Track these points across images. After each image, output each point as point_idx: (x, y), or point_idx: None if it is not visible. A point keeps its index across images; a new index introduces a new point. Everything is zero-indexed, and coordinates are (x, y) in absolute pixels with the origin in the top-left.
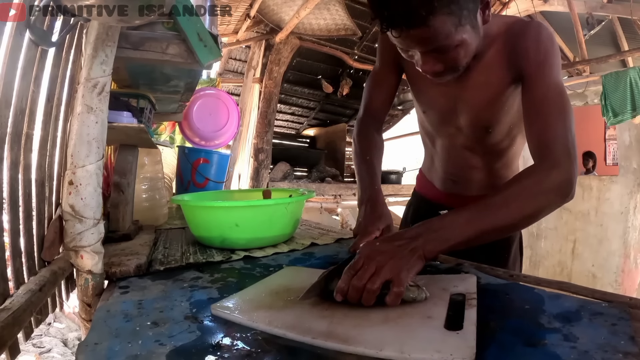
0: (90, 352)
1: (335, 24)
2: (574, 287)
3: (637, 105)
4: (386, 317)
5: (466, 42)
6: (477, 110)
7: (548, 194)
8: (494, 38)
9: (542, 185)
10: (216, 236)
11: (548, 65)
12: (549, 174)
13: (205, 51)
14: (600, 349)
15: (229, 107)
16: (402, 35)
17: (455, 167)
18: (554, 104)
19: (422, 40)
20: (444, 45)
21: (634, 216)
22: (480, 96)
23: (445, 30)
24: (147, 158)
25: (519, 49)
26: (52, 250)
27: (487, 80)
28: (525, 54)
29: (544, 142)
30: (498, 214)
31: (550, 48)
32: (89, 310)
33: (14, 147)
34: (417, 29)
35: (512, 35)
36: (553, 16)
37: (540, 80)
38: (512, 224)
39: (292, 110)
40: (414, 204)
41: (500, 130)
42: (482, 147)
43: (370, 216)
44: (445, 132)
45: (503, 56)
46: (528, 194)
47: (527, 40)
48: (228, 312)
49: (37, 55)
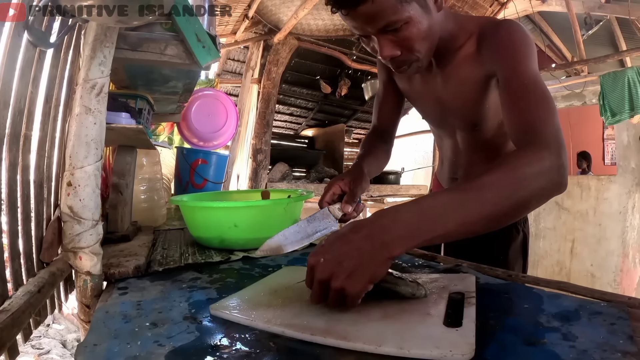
0: (89, 353)
1: (333, 24)
2: (573, 287)
3: (635, 105)
4: (385, 313)
5: (415, 19)
6: (461, 109)
7: (540, 177)
8: (468, 38)
9: (534, 167)
10: (215, 237)
11: (522, 54)
12: (540, 155)
13: (204, 52)
14: (599, 348)
15: (227, 107)
16: (350, 15)
17: (456, 165)
18: (534, 91)
19: (370, 17)
20: (392, 20)
21: (633, 216)
22: (461, 96)
23: (389, 3)
24: (145, 159)
25: (491, 46)
26: (50, 251)
27: (464, 81)
28: (498, 47)
29: (528, 126)
30: (483, 200)
31: (522, 39)
32: (87, 311)
33: (13, 148)
34: (362, 5)
35: (485, 33)
36: (551, 16)
37: (515, 72)
38: (500, 213)
39: (290, 110)
40: None
41: (489, 127)
42: (478, 144)
43: (340, 175)
44: (444, 132)
45: (478, 54)
46: (519, 176)
47: (498, 37)
48: (227, 312)
49: (36, 56)
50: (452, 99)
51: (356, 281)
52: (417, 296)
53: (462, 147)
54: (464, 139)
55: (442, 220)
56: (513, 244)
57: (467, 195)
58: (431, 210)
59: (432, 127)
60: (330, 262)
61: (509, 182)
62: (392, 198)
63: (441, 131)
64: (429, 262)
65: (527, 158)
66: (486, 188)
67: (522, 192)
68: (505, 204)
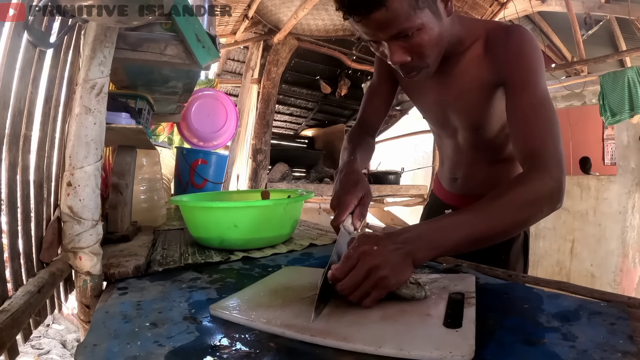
0: (89, 353)
1: (333, 24)
2: (573, 287)
3: (635, 105)
4: (385, 314)
5: (427, 26)
6: (464, 112)
7: (540, 202)
8: (474, 41)
9: (535, 193)
10: (215, 237)
11: (532, 71)
12: (542, 182)
13: (204, 52)
14: (599, 348)
15: (227, 108)
16: (363, 21)
17: (457, 165)
18: (541, 112)
19: (383, 24)
20: (405, 27)
21: (632, 216)
22: (465, 99)
23: (403, 10)
24: (145, 159)
25: (502, 54)
26: (50, 251)
27: (469, 84)
28: (508, 60)
29: (533, 150)
30: (490, 221)
31: (533, 53)
32: (87, 311)
33: (12, 149)
34: (376, 11)
35: (493, 40)
36: (551, 16)
37: (525, 88)
38: (504, 231)
39: (290, 110)
40: (430, 204)
41: (491, 129)
42: (479, 145)
43: (346, 185)
44: (445, 133)
45: (485, 61)
46: (521, 201)
47: (510, 46)
48: (227, 312)
49: (35, 56)
50: (456, 101)
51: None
52: (417, 297)
53: (463, 147)
54: (465, 139)
55: (454, 236)
56: (514, 244)
57: (478, 217)
58: (445, 228)
59: (433, 127)
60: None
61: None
62: (392, 198)
63: (442, 131)
64: (429, 262)
65: (532, 184)
66: (494, 211)
67: (524, 215)
68: (509, 223)
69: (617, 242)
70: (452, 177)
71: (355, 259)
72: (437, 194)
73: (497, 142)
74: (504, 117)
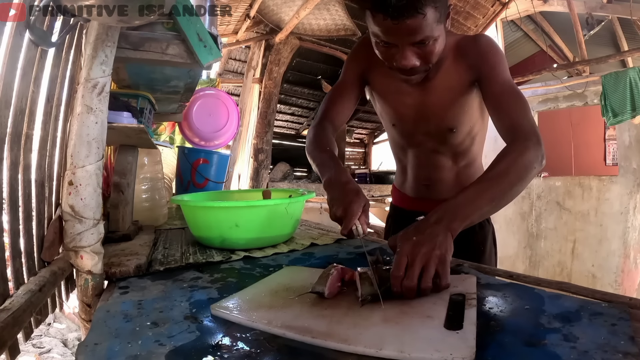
0: (90, 352)
1: (335, 24)
2: (574, 287)
3: (637, 105)
4: (386, 316)
5: (441, 38)
6: (441, 112)
7: (532, 163)
8: (448, 50)
9: (527, 157)
10: (216, 236)
11: (501, 65)
12: (528, 147)
13: (205, 51)
14: (600, 349)
15: (228, 107)
16: (396, 25)
17: (426, 171)
18: (512, 95)
19: (413, 30)
20: (428, 36)
21: (634, 216)
22: (444, 99)
23: (432, 20)
24: (146, 158)
25: (474, 55)
26: (51, 250)
27: (448, 85)
28: (480, 58)
29: (514, 125)
30: (501, 184)
31: (499, 52)
32: (88, 310)
33: (14, 148)
34: (413, 18)
35: (464, 46)
36: (553, 16)
37: (496, 78)
38: (513, 191)
39: (291, 110)
40: (393, 216)
41: (462, 130)
42: (448, 149)
43: (349, 195)
44: (414, 140)
45: (460, 63)
46: (518, 164)
47: (479, 48)
48: (228, 312)
49: (37, 55)
50: (435, 103)
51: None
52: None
53: (431, 152)
54: (438, 142)
55: (476, 204)
56: (488, 235)
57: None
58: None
59: (401, 134)
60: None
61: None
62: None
63: (410, 138)
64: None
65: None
66: (500, 176)
67: (525, 174)
68: (514, 183)
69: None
70: (423, 184)
71: (405, 256)
72: (400, 205)
73: (465, 144)
74: (474, 117)
